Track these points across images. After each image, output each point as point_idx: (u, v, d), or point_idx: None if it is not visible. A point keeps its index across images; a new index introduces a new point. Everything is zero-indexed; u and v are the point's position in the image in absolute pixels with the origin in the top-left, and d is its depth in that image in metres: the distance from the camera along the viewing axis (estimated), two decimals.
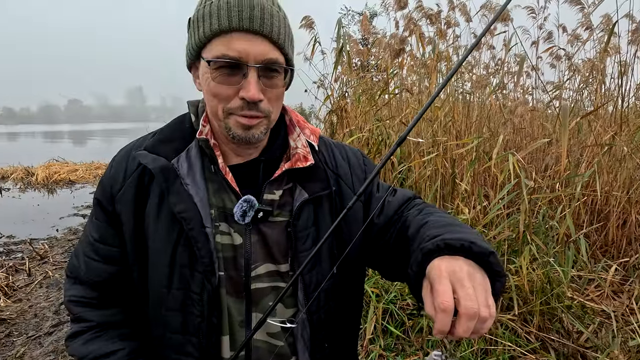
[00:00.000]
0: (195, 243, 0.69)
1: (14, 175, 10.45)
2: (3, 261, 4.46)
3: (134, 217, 0.74)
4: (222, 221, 0.74)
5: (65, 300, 0.79)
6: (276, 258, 0.75)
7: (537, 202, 2.58)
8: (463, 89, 3.74)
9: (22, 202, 7.85)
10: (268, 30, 0.65)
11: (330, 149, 0.86)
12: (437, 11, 3.43)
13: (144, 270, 0.75)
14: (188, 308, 0.72)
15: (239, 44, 0.64)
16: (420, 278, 0.57)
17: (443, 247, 0.55)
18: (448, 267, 0.52)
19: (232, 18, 0.64)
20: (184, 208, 0.69)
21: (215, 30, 0.65)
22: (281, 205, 0.76)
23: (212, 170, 0.74)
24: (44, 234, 5.53)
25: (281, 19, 0.68)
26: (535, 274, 2.13)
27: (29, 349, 2.80)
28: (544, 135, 3.62)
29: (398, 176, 3.12)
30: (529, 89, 4.67)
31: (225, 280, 0.73)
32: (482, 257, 0.54)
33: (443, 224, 0.65)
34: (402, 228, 0.76)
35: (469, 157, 2.90)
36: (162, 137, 0.76)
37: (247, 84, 0.66)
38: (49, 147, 21.83)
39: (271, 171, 0.76)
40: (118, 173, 0.76)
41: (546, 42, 3.81)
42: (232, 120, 0.69)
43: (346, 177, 0.83)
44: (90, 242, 0.78)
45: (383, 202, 0.82)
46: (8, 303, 3.49)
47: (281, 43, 0.68)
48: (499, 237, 2.29)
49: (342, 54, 3.55)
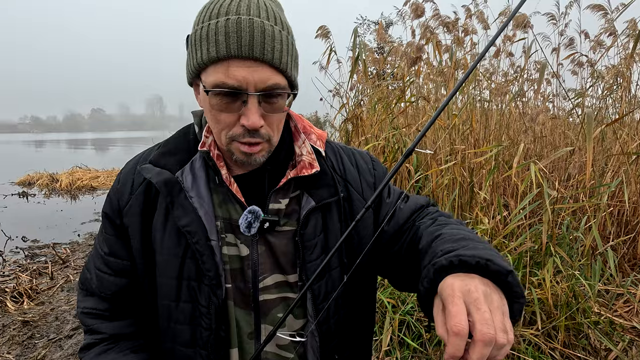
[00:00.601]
0: (201, 256, 0.69)
1: (40, 182, 10.86)
2: (27, 264, 4.61)
3: (141, 230, 0.74)
4: (229, 232, 0.73)
5: (79, 312, 0.80)
6: (284, 268, 0.74)
7: (560, 212, 2.50)
8: (481, 96, 3.69)
9: (47, 207, 8.13)
10: (269, 56, 0.62)
11: (339, 154, 0.84)
12: (455, 19, 3.40)
13: (153, 282, 0.74)
14: (196, 321, 0.71)
15: (238, 72, 0.61)
16: (431, 295, 0.53)
17: (457, 264, 0.51)
18: (462, 287, 0.48)
19: (230, 45, 0.60)
20: (188, 222, 0.69)
21: (213, 57, 0.62)
22: (288, 214, 0.75)
23: (216, 182, 0.73)
24: (66, 239, 5.70)
25: (284, 39, 0.65)
26: (559, 287, 2.05)
27: (49, 351, 2.87)
28: (566, 144, 3.52)
29: (415, 185, 3.08)
30: (549, 96, 4.57)
31: (233, 292, 0.72)
32: (500, 277, 0.50)
33: (457, 238, 0.60)
34: (413, 239, 0.73)
35: (488, 165, 2.84)
36: (166, 149, 0.75)
37: (247, 111, 0.63)
38: (73, 155, 22.62)
39: (277, 179, 0.74)
40: (125, 186, 0.76)
41: (567, 48, 3.73)
42: (234, 146, 0.67)
43: (355, 183, 0.81)
44: (101, 255, 0.78)
45: (395, 209, 0.80)
46: (31, 305, 3.59)
47: (283, 67, 0.64)
48: (520, 248, 2.22)
49: (357, 62, 3.56)
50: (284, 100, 0.68)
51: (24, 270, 4.36)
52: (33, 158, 21.04)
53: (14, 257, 4.89)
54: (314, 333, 0.74)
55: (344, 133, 3.80)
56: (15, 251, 5.13)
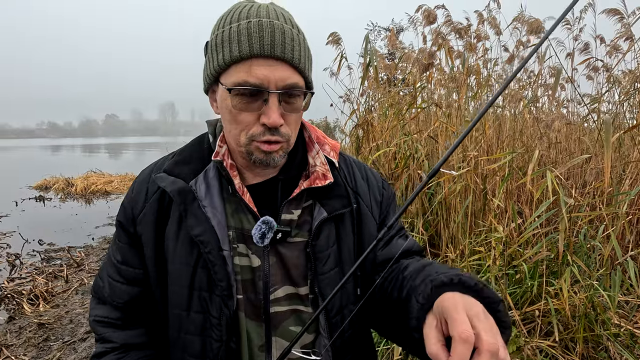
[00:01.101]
0: (213, 267, 0.68)
1: (56, 186, 11.11)
2: (44, 267, 4.70)
3: (154, 238, 0.74)
4: (241, 242, 0.72)
5: (91, 320, 0.80)
6: (295, 280, 0.73)
7: (577, 220, 2.44)
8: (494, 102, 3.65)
9: (62, 211, 8.30)
10: (289, 55, 0.64)
11: (351, 167, 0.84)
12: (467, 25, 3.39)
13: (164, 292, 0.74)
14: (207, 332, 0.71)
15: (260, 70, 0.63)
16: (424, 312, 0.54)
17: (456, 282, 0.54)
18: (464, 300, 0.50)
19: (253, 44, 0.62)
20: (201, 231, 0.69)
21: (236, 57, 0.63)
22: (300, 225, 0.74)
23: (230, 192, 0.73)
24: (80, 242, 5.80)
25: (301, 41, 0.67)
26: (577, 297, 2.00)
27: (64, 354, 2.91)
28: (582, 151, 3.45)
29: (427, 191, 3.06)
30: (564, 102, 4.50)
31: (244, 303, 0.72)
32: (491, 304, 0.52)
33: (449, 268, 0.63)
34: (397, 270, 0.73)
35: (502, 172, 2.80)
36: (180, 158, 0.76)
37: (268, 109, 0.64)
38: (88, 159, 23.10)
39: (290, 190, 0.74)
40: (139, 195, 0.76)
41: (582, 53, 3.67)
42: (253, 146, 0.67)
43: (365, 196, 0.81)
44: (114, 263, 0.78)
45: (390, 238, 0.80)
46: (47, 308, 3.66)
47: (302, 67, 0.67)
48: (535, 257, 2.18)
49: (369, 68, 3.57)
50: (302, 100, 0.69)
51: (40, 273, 4.45)
52: (49, 163, 21.55)
53: (30, 260, 5.00)
54: (327, 348, 0.73)
55: (355, 139, 3.80)
56: (32, 254, 5.24)
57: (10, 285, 4.12)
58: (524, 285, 2.22)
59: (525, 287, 2.21)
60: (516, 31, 3.40)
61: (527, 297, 2.20)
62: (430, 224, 3.07)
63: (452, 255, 2.54)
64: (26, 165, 20.73)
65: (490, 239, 2.23)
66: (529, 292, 2.19)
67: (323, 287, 0.71)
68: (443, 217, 2.93)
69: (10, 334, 3.20)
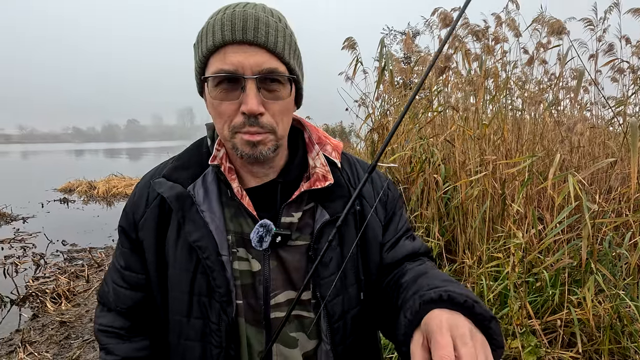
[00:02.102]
0: (211, 272, 0.67)
1: (79, 189, 11.50)
2: (66, 267, 4.85)
3: (155, 244, 0.73)
4: (240, 247, 0.71)
5: (95, 328, 0.80)
6: (296, 285, 0.71)
7: (602, 227, 2.35)
8: (513, 105, 3.57)
9: (85, 213, 8.58)
10: (263, 39, 0.62)
11: (355, 167, 0.82)
12: (484, 27, 3.34)
13: (165, 297, 0.74)
14: (207, 338, 0.70)
15: (234, 56, 0.62)
16: (412, 329, 0.52)
17: (445, 299, 0.51)
18: (450, 320, 0.48)
19: (225, 32, 0.62)
20: (199, 236, 0.68)
21: (210, 47, 0.63)
22: (301, 228, 0.72)
23: (228, 195, 0.71)
24: (101, 244, 5.97)
25: (280, 28, 0.65)
26: (602, 307, 1.92)
27: (83, 352, 2.98)
28: (607, 155, 3.33)
29: (443, 196, 3.01)
30: (587, 104, 4.36)
31: (244, 308, 0.70)
32: (483, 321, 0.50)
33: (444, 279, 0.61)
34: (398, 275, 0.71)
35: (521, 177, 2.73)
36: (179, 163, 0.75)
37: (246, 97, 0.62)
38: (109, 163, 23.82)
39: (290, 192, 0.72)
40: (140, 200, 0.76)
41: (606, 54, 3.55)
42: (237, 138, 0.66)
43: (369, 197, 0.78)
44: (117, 268, 0.78)
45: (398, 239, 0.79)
46: (68, 307, 3.77)
47: (279, 52, 0.64)
48: (557, 264, 2.10)
49: (384, 72, 3.56)
50: (286, 89, 0.66)
51: (63, 273, 4.59)
52: (73, 166, 22.33)
53: (54, 260, 5.17)
54: (328, 354, 0.71)
55: (370, 143, 3.79)
56: (56, 254, 5.42)
57: (34, 284, 4.27)
58: (545, 294, 2.15)
59: (547, 296, 2.14)
60: (536, 33, 3.32)
61: (549, 306, 2.12)
62: (446, 229, 3.02)
63: (469, 262, 2.48)
64: (52, 168, 21.55)
65: (509, 245, 2.17)
66: (550, 301, 2.11)
67: (326, 292, 0.69)
68: (460, 222, 2.87)
69: (34, 331, 3.31)
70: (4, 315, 3.64)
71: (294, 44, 0.69)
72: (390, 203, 0.81)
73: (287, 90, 0.66)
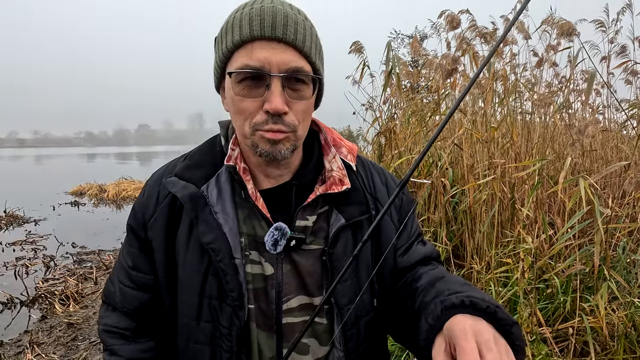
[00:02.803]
0: (224, 275, 0.66)
1: (90, 192, 11.68)
2: (75, 269, 4.91)
3: (165, 244, 0.72)
4: (253, 249, 0.69)
5: (100, 328, 0.79)
6: (310, 290, 0.70)
7: (615, 232, 2.28)
8: (522, 108, 3.52)
9: (95, 216, 8.69)
10: (292, 37, 0.61)
11: (369, 171, 0.80)
12: (493, 29, 3.30)
13: (174, 299, 0.72)
14: (217, 342, 0.68)
15: (261, 52, 0.60)
16: (434, 334, 0.52)
17: (468, 305, 0.51)
18: (474, 326, 0.48)
19: (253, 27, 0.60)
20: (212, 238, 0.66)
21: (237, 41, 0.61)
22: (315, 232, 0.71)
23: (242, 196, 0.70)
24: (110, 246, 6.03)
25: (307, 27, 0.64)
26: (615, 315, 1.85)
27: (90, 354, 3.00)
28: (620, 158, 3.25)
29: (451, 200, 2.96)
30: (599, 107, 4.27)
31: (255, 313, 0.69)
32: (505, 326, 0.49)
33: (463, 283, 0.61)
34: (410, 279, 0.70)
35: (531, 180, 2.68)
36: (192, 162, 0.73)
37: (270, 94, 0.61)
38: (120, 167, 24.17)
39: (304, 195, 0.71)
40: (150, 199, 0.74)
41: (619, 56, 3.48)
42: (257, 136, 0.64)
43: (384, 201, 0.76)
44: (125, 268, 0.77)
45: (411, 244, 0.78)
46: (76, 309, 3.80)
47: (307, 51, 0.63)
48: (568, 270, 2.05)
49: (391, 76, 3.54)
50: (310, 89, 0.65)
51: (72, 275, 4.64)
52: (85, 170, 22.71)
53: (64, 262, 5.24)
54: None
55: (377, 146, 3.76)
56: (65, 256, 5.49)
57: (44, 285, 4.32)
58: (556, 301, 2.09)
59: (558, 303, 2.08)
60: (546, 34, 3.28)
61: (560, 314, 2.07)
62: (454, 233, 2.97)
63: (477, 267, 2.43)
64: (64, 172, 21.95)
65: (519, 250, 2.12)
66: (562, 308, 2.06)
67: (339, 298, 0.68)
68: (468, 226, 2.83)
69: (42, 332, 3.34)
70: (14, 316, 3.68)
71: (319, 45, 0.68)
72: (404, 207, 0.80)
73: (310, 90, 0.65)
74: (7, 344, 3.17)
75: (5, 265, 5.11)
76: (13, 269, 4.92)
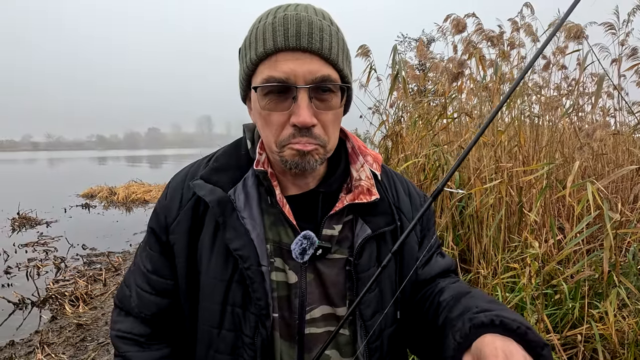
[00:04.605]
0: (252, 283, 0.64)
1: (100, 194, 11.86)
2: (85, 271, 4.98)
3: (187, 248, 0.69)
4: (278, 256, 0.67)
5: (113, 334, 0.75)
6: (333, 300, 0.68)
7: (625, 238, 2.24)
8: (530, 111, 3.48)
9: (105, 218, 8.81)
10: (317, 45, 0.59)
11: (393, 180, 0.79)
12: (500, 33, 3.29)
13: (195, 306, 0.70)
14: (238, 351, 0.66)
15: (285, 64, 0.58)
16: (461, 352, 0.51)
17: (498, 324, 0.49)
18: (504, 347, 0.46)
19: (277, 38, 0.58)
20: (240, 245, 0.64)
21: (261, 54, 0.59)
22: (340, 241, 0.69)
23: (268, 202, 0.68)
24: (119, 248, 6.11)
25: (333, 32, 0.62)
26: (625, 322, 1.82)
27: (98, 354, 3.03)
28: (631, 162, 3.19)
29: (457, 204, 2.94)
30: (610, 110, 4.21)
31: (278, 322, 0.67)
32: (535, 348, 0.48)
33: (490, 299, 0.59)
34: (432, 292, 0.69)
35: (539, 185, 2.64)
36: (217, 165, 0.71)
37: (297, 108, 0.59)
38: (130, 170, 24.49)
39: (330, 203, 0.69)
40: (173, 202, 0.72)
41: (630, 59, 3.43)
42: (286, 151, 0.62)
43: (408, 213, 0.75)
44: (143, 272, 0.74)
45: (431, 255, 0.77)
46: (85, 310, 3.85)
47: (333, 58, 0.61)
48: (577, 276, 2.01)
49: (397, 79, 3.54)
50: (338, 97, 0.63)
51: (82, 276, 4.71)
52: (95, 172, 23.08)
53: (74, 264, 5.32)
54: None
55: (384, 150, 3.76)
56: (76, 258, 5.58)
57: (54, 286, 4.40)
58: (565, 307, 2.06)
59: (566, 309, 2.05)
60: (554, 37, 3.24)
61: (568, 320, 2.03)
62: (461, 238, 2.95)
63: (484, 272, 2.41)
64: (75, 174, 22.34)
65: (525, 255, 2.09)
66: (570, 315, 2.02)
67: (363, 309, 0.67)
68: (474, 231, 2.80)
69: (52, 332, 3.39)
70: (25, 316, 3.75)
71: (347, 49, 0.66)
72: (426, 218, 0.79)
73: (338, 98, 0.63)
74: (18, 344, 3.22)
75: (18, 266, 5.21)
76: (25, 270, 5.01)
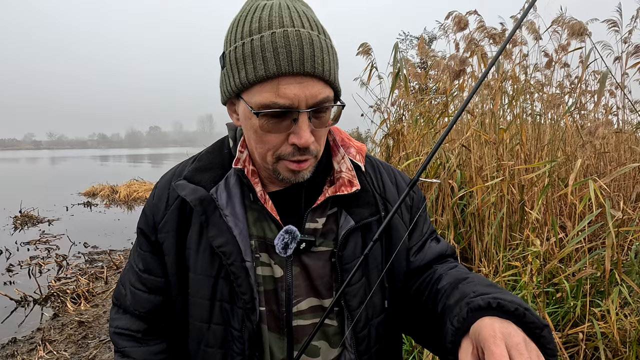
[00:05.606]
0: (236, 279, 0.66)
1: (102, 193, 11.88)
2: (87, 269, 5.00)
3: (176, 246, 0.72)
4: (263, 252, 0.69)
5: (111, 331, 0.79)
6: (320, 292, 0.70)
7: (627, 236, 2.23)
8: (532, 109, 3.47)
9: (107, 216, 8.84)
10: (320, 69, 0.58)
11: (378, 171, 0.79)
12: (502, 30, 3.27)
13: (185, 302, 0.72)
14: (228, 344, 0.68)
15: (289, 89, 0.57)
16: (459, 337, 0.50)
17: (495, 307, 0.49)
18: (502, 329, 0.46)
19: (280, 62, 0.56)
20: (223, 242, 0.66)
21: (261, 76, 0.57)
22: (324, 234, 0.70)
23: (251, 199, 0.70)
24: (121, 246, 6.13)
25: (329, 48, 0.61)
26: (627, 321, 1.81)
27: (99, 352, 3.05)
28: (634, 160, 3.17)
29: (459, 202, 2.93)
30: (612, 108, 4.19)
31: (266, 315, 0.69)
32: (534, 329, 0.47)
33: (488, 283, 0.58)
34: (430, 280, 0.69)
35: (541, 183, 2.63)
36: (200, 164, 0.73)
37: (299, 129, 0.60)
38: (132, 168, 24.55)
39: (313, 196, 0.70)
40: (160, 202, 0.74)
41: (633, 57, 3.41)
42: (281, 165, 0.64)
43: (394, 201, 0.75)
44: (136, 271, 0.77)
45: (424, 242, 0.77)
46: (87, 307, 3.87)
47: (332, 79, 0.61)
48: (579, 274, 2.01)
49: (398, 77, 3.53)
50: (330, 112, 0.64)
51: (83, 274, 4.73)
52: (97, 171, 23.13)
53: (76, 262, 5.34)
54: None
55: (385, 148, 3.75)
56: (78, 256, 5.60)
57: (56, 284, 4.41)
58: (566, 305, 2.05)
59: (568, 307, 2.04)
60: (556, 35, 3.23)
61: (570, 318, 2.02)
62: (462, 236, 2.94)
63: (485, 270, 2.40)
64: (77, 173, 22.40)
65: (527, 253, 2.08)
66: (572, 313, 2.01)
67: (349, 299, 0.68)
68: (476, 229, 2.79)
69: (54, 330, 3.41)
70: (27, 314, 3.77)
71: (337, 59, 0.66)
72: (415, 206, 0.79)
73: (331, 112, 0.65)
74: (20, 341, 3.24)
75: (20, 264, 5.23)
76: (27, 268, 5.03)
